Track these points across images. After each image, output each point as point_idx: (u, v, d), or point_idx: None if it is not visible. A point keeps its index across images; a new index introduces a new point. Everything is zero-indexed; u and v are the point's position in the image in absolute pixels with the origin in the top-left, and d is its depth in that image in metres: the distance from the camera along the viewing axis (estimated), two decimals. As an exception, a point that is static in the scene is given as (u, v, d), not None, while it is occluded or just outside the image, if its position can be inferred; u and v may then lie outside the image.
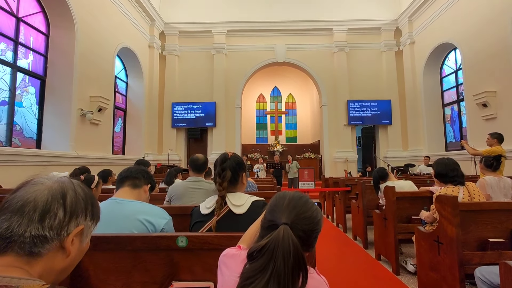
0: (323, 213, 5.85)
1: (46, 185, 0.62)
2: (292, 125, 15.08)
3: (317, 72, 10.23)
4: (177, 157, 9.67)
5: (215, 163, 1.35)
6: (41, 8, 5.53)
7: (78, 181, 0.69)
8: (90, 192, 0.70)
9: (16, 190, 0.60)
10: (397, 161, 9.07)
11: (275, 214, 0.70)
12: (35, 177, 0.65)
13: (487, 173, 2.85)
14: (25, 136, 5.23)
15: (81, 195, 0.66)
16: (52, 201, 0.60)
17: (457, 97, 8.12)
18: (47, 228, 0.58)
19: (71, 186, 0.65)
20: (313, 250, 0.72)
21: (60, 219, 0.60)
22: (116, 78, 7.97)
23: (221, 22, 9.95)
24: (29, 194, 0.59)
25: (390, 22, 9.99)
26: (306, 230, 0.68)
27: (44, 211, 0.58)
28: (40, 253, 0.58)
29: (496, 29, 6.12)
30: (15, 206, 0.57)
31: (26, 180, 0.63)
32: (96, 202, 0.71)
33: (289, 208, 0.70)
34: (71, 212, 0.62)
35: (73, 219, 0.62)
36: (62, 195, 0.62)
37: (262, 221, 0.74)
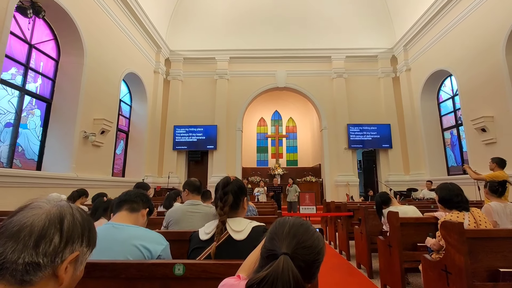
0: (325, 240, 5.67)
1: (45, 209, 0.61)
2: (293, 149, 15.13)
3: (316, 97, 10.47)
4: (177, 179, 9.59)
5: (217, 186, 1.34)
6: (54, 36, 5.81)
7: (76, 206, 0.69)
8: (88, 217, 0.69)
9: (13, 214, 0.60)
10: (399, 185, 8.96)
11: (275, 243, 0.67)
12: (34, 200, 0.64)
13: (492, 199, 2.80)
14: (26, 157, 5.25)
15: (78, 220, 0.65)
16: (49, 226, 0.59)
17: (455, 121, 8.21)
18: (41, 254, 0.56)
19: (69, 211, 0.64)
20: (315, 281, 0.69)
21: (55, 245, 0.58)
22: (121, 102, 8.15)
23: (224, 49, 10.39)
24: (26, 219, 0.58)
25: (386, 51, 10.40)
26: (307, 260, 0.65)
27: (40, 237, 0.57)
28: (31, 281, 0.55)
29: (489, 57, 6.35)
30: (11, 231, 0.56)
31: (25, 204, 0.62)
32: (93, 227, 0.70)
33: (289, 236, 0.67)
34: (67, 237, 0.61)
35: (68, 245, 0.61)
36: (60, 219, 0.61)
37: (262, 249, 0.71)
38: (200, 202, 2.22)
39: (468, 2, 6.96)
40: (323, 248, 0.69)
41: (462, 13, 7.16)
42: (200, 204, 2.20)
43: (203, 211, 2.15)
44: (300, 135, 15.15)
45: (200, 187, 2.32)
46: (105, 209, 2.57)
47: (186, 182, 2.35)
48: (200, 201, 2.25)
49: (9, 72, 4.87)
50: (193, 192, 2.27)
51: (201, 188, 2.34)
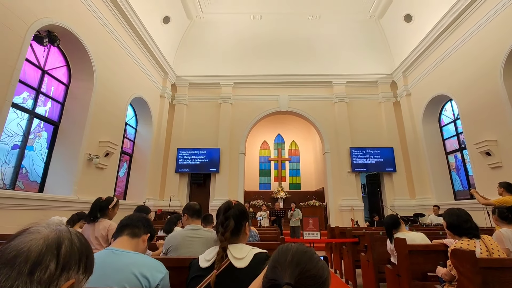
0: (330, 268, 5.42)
1: (43, 234, 0.60)
2: (296, 172, 15.01)
3: (319, 120, 10.59)
4: (179, 203, 9.46)
5: (218, 211, 1.32)
6: (66, 62, 6.09)
7: (75, 230, 0.68)
8: (87, 243, 0.68)
9: (11, 239, 0.59)
10: (405, 210, 8.72)
11: (277, 272, 0.64)
12: (33, 224, 0.64)
13: (503, 225, 2.70)
14: (29, 179, 5.26)
15: (76, 246, 0.64)
16: (46, 251, 0.57)
17: (458, 145, 8.18)
18: (35, 282, 0.54)
19: (67, 236, 0.63)
20: None
21: (50, 272, 0.57)
22: (127, 125, 8.31)
23: (229, 75, 10.76)
24: (23, 244, 0.57)
25: (386, 76, 10.68)
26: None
27: (35, 263, 0.55)
28: None
29: (488, 82, 6.45)
30: (7, 257, 0.55)
31: (24, 228, 0.62)
32: (91, 253, 0.68)
33: (292, 265, 0.64)
34: (64, 264, 0.59)
35: (64, 272, 0.59)
36: (57, 245, 0.60)
37: (263, 279, 0.68)
38: (200, 226, 2.18)
39: (464, 30, 7.22)
40: (328, 278, 0.66)
41: (459, 40, 7.40)
42: (200, 228, 2.15)
43: (204, 236, 2.10)
44: (303, 158, 15.12)
45: (199, 211, 2.28)
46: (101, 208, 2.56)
47: (185, 206, 2.32)
48: (201, 226, 2.20)
49: (21, 96, 5.05)
50: (192, 216, 2.23)
51: (200, 212, 2.30)
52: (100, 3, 6.42)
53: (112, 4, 6.79)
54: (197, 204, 2.33)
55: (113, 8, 6.90)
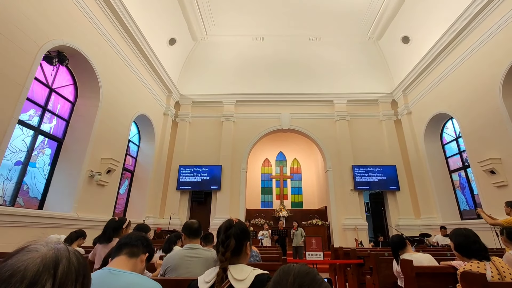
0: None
1: (41, 252, 0.59)
2: (298, 190, 14.84)
3: (320, 138, 10.62)
4: (179, 221, 9.30)
5: (219, 229, 1.30)
6: (73, 81, 6.27)
7: (74, 249, 0.67)
8: (85, 262, 0.67)
9: (9, 257, 0.58)
10: (411, 230, 8.49)
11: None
12: (32, 242, 0.63)
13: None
14: (30, 196, 5.24)
15: (74, 265, 0.63)
16: (43, 271, 0.56)
17: (462, 163, 8.10)
18: None
19: (66, 255, 0.62)
20: None
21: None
22: (129, 142, 8.38)
23: (231, 93, 10.98)
24: (20, 263, 0.56)
25: (386, 95, 10.83)
26: None
27: (31, 283, 0.54)
28: None
29: (488, 101, 6.49)
30: (3, 276, 0.54)
31: (22, 246, 0.61)
32: (88, 274, 0.67)
33: (294, 286, 0.63)
34: (60, 284, 0.58)
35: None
36: (54, 264, 0.59)
37: None
38: (199, 246, 2.12)
39: (462, 50, 7.37)
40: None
41: (457, 60, 7.54)
42: (199, 248, 2.09)
43: (203, 255, 2.04)
44: (305, 176, 15.00)
45: (197, 230, 2.21)
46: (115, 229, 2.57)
47: (184, 225, 2.28)
48: (199, 245, 2.14)
49: (27, 113, 5.15)
50: (190, 236, 2.17)
51: (198, 231, 2.22)
52: (109, 25, 6.71)
53: (120, 26, 7.09)
54: (195, 222, 2.26)
55: (121, 30, 7.19)
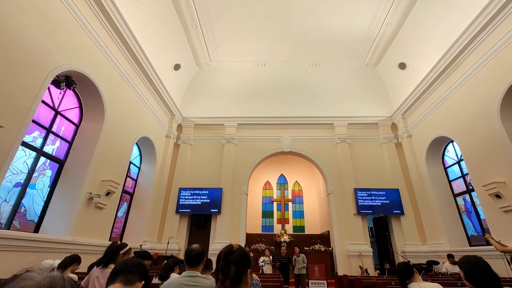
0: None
1: (35, 280, 0.59)
2: (299, 214, 14.51)
3: (321, 161, 10.60)
4: (177, 246, 9.01)
5: (219, 256, 1.26)
6: (79, 104, 6.42)
7: (69, 277, 0.66)
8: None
9: (2, 286, 0.58)
10: (418, 257, 8.17)
11: None
12: (27, 269, 0.63)
13: (524, 276, 2.50)
14: (27, 218, 5.14)
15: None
16: None
17: (466, 187, 7.98)
18: None
19: (61, 283, 0.62)
20: None
21: None
22: (130, 164, 8.37)
23: (233, 117, 11.16)
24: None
25: (385, 119, 10.96)
26: None
27: None
28: None
29: (487, 124, 6.50)
30: None
31: (15, 274, 0.61)
32: None
33: None
34: None
35: None
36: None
37: None
38: (198, 273, 2.02)
39: (458, 75, 7.52)
40: None
41: (454, 85, 7.68)
42: (197, 275, 1.99)
43: (202, 284, 1.95)
44: (307, 199, 14.75)
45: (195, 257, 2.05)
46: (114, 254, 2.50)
47: (185, 251, 2.15)
48: (198, 272, 2.05)
49: (32, 135, 5.22)
50: (188, 263, 2.03)
51: (198, 258, 2.07)
52: (116, 51, 7.00)
53: (128, 51, 7.40)
54: (195, 249, 2.12)
55: (128, 56, 7.50)
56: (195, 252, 2.07)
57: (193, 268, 2.06)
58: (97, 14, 6.13)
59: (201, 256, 2.10)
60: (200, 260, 2.09)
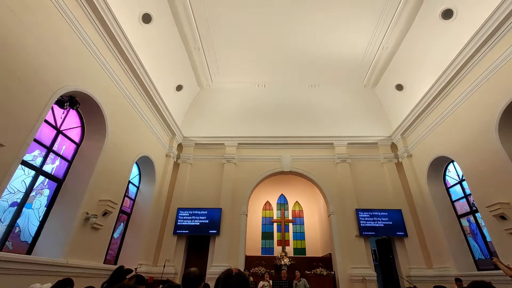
0: None
1: None
2: (300, 235, 14.13)
3: (322, 181, 10.51)
4: (173, 269, 8.68)
5: (217, 280, 1.22)
6: (81, 123, 6.48)
7: None
8: None
9: None
10: (424, 283, 7.84)
11: None
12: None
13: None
14: (20, 239, 5.00)
15: None
16: None
17: (469, 207, 7.84)
18: None
19: None
20: None
21: None
22: (129, 183, 8.29)
23: (233, 136, 11.23)
24: None
25: (385, 138, 11.02)
26: None
27: None
28: None
29: (487, 144, 6.47)
30: None
31: None
32: None
33: None
34: None
35: None
36: None
37: None
38: None
39: (455, 96, 7.60)
40: None
41: (451, 105, 7.76)
42: None
43: None
44: (307, 220, 14.43)
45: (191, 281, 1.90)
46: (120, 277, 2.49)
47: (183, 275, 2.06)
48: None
49: (32, 154, 5.21)
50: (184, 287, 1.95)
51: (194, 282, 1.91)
52: (121, 72, 7.18)
53: (132, 73, 7.60)
54: (195, 271, 1.98)
55: (132, 77, 7.69)
56: (193, 275, 1.95)
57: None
58: (103, 36, 6.33)
59: (198, 280, 1.97)
60: (197, 284, 1.98)
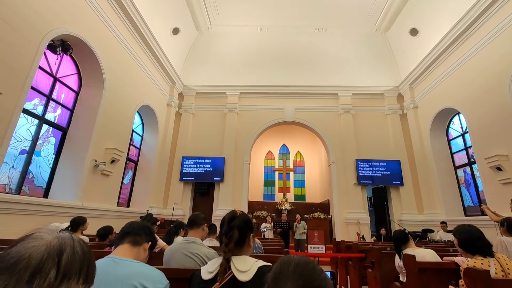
0: (337, 284, 5.24)
1: (46, 240, 0.59)
2: (301, 183, 14.86)
3: (324, 131, 10.55)
4: (182, 211, 9.40)
5: (222, 221, 1.29)
6: (77, 70, 6.25)
7: (79, 238, 0.66)
8: (89, 251, 0.66)
9: (13, 245, 0.58)
10: (413, 226, 8.48)
11: (279, 283, 0.63)
12: (36, 230, 0.62)
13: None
14: (35, 184, 5.30)
15: (78, 254, 0.62)
16: (47, 259, 0.56)
17: (468, 159, 8.00)
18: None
19: (70, 243, 0.62)
20: None
21: (50, 281, 0.55)
22: (133, 132, 8.39)
23: (235, 85, 10.88)
24: (25, 250, 0.55)
25: (392, 89, 10.65)
26: None
27: (35, 271, 0.53)
28: None
29: (497, 96, 6.36)
30: (7, 263, 0.54)
31: (26, 234, 0.61)
32: (93, 263, 0.66)
33: (295, 275, 0.63)
34: (64, 272, 0.57)
35: (64, 281, 0.57)
36: (59, 252, 0.58)
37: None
38: (195, 240, 1.96)
39: (471, 44, 7.18)
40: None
41: (466, 54, 7.36)
42: (194, 242, 1.93)
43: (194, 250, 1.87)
44: (308, 169, 14.99)
45: (192, 221, 2.09)
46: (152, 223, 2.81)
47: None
48: (197, 239, 1.98)
49: (32, 102, 5.16)
50: (190, 225, 2.08)
51: (194, 221, 2.09)
52: (112, 14, 6.63)
53: (124, 15, 7.01)
54: (198, 213, 2.18)
55: (125, 19, 7.11)
56: (194, 215, 2.14)
57: (192, 230, 2.10)
58: (89, -29, 5.67)
59: (198, 218, 2.11)
60: (197, 222, 2.08)
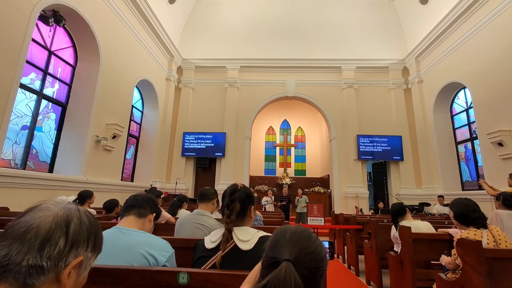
0: (333, 253, 5.50)
1: (52, 211, 0.61)
2: (301, 158, 15.00)
3: (326, 106, 10.41)
4: (184, 186, 9.62)
5: (224, 194, 1.32)
6: (72, 43, 6.04)
7: (85, 209, 0.68)
8: (95, 221, 0.68)
9: (21, 215, 0.59)
10: (411, 199, 8.69)
11: (276, 250, 0.66)
12: (43, 202, 0.64)
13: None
14: (39, 159, 5.38)
15: (85, 224, 0.64)
16: (55, 228, 0.58)
17: (470, 135, 7.97)
18: (45, 257, 0.55)
19: (76, 214, 0.64)
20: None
21: (60, 249, 0.57)
22: (133, 108, 8.32)
23: (235, 58, 10.55)
24: (33, 220, 0.57)
25: (397, 62, 10.31)
26: (311, 267, 0.63)
27: (45, 239, 0.56)
28: (33, 285, 0.54)
29: (505, 71, 6.18)
30: (17, 232, 0.56)
31: (33, 205, 0.62)
32: (100, 232, 0.69)
33: (291, 242, 0.66)
34: (73, 241, 0.60)
35: (73, 250, 0.59)
36: (66, 222, 0.60)
37: (263, 259, 0.70)
38: (206, 213, 2.11)
39: (482, 15, 6.86)
40: (325, 256, 0.68)
41: (476, 26, 7.05)
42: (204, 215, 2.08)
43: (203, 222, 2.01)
44: (309, 144, 15.04)
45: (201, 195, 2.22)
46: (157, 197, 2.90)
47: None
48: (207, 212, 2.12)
49: (29, 77, 5.06)
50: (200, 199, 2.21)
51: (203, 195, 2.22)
52: (105, -18, 6.26)
53: (117, -18, 6.61)
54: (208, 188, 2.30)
55: (118, -13, 6.72)
56: (205, 189, 2.26)
57: (202, 203, 2.19)
58: None
59: (209, 193, 2.23)
60: (208, 196, 2.20)
